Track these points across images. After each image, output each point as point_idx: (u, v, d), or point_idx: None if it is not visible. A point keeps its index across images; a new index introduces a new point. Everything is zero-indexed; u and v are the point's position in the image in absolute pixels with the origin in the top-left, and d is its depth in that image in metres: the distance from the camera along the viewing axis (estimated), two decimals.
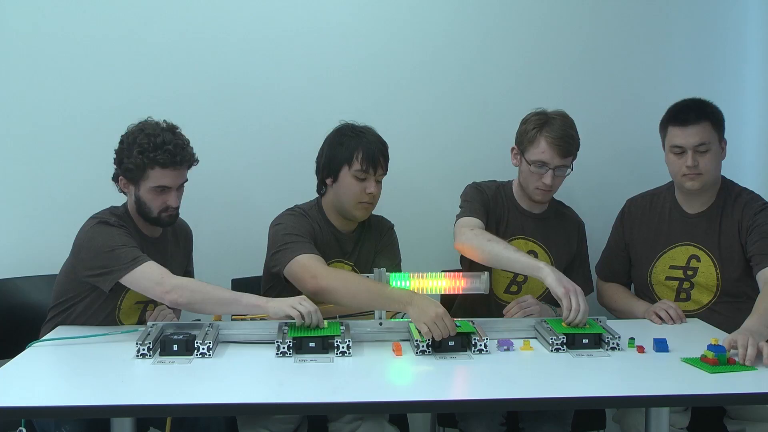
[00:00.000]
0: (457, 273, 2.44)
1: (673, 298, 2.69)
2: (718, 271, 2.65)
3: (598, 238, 2.94)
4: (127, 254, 2.38)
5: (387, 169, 2.63)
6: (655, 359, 2.10)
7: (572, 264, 2.83)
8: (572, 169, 2.71)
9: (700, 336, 2.34)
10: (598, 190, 3.21)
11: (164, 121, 2.51)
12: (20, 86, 2.98)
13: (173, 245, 2.66)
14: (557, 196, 2.83)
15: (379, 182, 2.61)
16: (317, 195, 2.70)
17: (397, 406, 2.08)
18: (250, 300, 2.33)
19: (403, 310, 2.29)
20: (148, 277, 2.35)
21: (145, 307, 2.55)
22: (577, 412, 2.59)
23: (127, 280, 2.36)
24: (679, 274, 2.70)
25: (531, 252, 2.75)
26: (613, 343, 2.23)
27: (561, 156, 2.63)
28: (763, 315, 2.34)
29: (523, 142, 2.69)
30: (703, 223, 2.69)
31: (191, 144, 2.51)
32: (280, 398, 1.91)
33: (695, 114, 2.62)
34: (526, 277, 2.74)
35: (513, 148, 2.75)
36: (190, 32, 3.05)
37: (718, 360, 2.02)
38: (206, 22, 3.06)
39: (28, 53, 2.98)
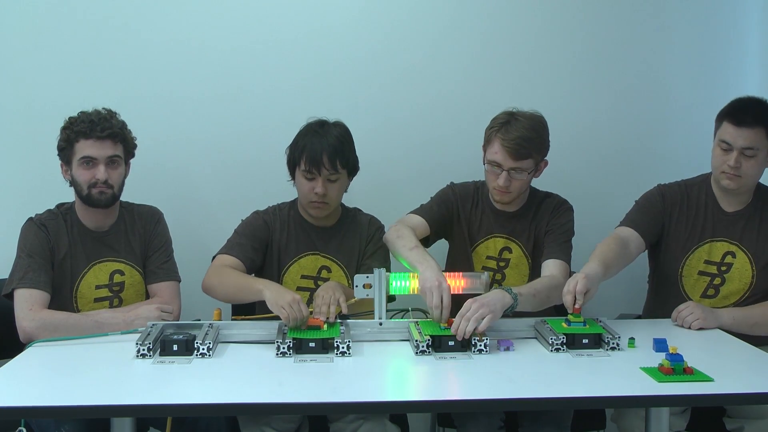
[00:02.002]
0: (457, 273, 2.44)
1: (700, 293, 2.66)
2: (753, 268, 2.63)
3: (597, 238, 2.93)
4: (22, 268, 2.44)
5: (341, 170, 2.58)
6: (656, 359, 2.09)
7: (546, 239, 2.69)
8: (536, 173, 2.65)
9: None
10: (597, 191, 3.21)
11: (104, 108, 2.54)
12: (20, 86, 3.02)
13: (129, 236, 2.62)
14: (550, 187, 2.79)
15: (333, 182, 2.59)
16: None
17: (396, 406, 2.09)
18: (110, 316, 2.41)
19: (261, 297, 2.35)
20: (24, 299, 2.40)
21: (111, 303, 2.56)
22: (577, 412, 2.59)
23: (13, 294, 2.43)
24: (713, 269, 2.66)
25: (505, 249, 2.73)
26: (613, 343, 2.23)
27: (513, 159, 2.57)
28: (740, 312, 2.53)
29: (485, 141, 2.67)
30: (741, 221, 2.66)
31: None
32: (280, 398, 1.91)
33: (753, 117, 2.55)
34: (504, 275, 2.74)
35: (483, 146, 2.71)
36: (186, 33, 3.06)
37: (673, 369, 2.00)
38: (202, 22, 3.06)
39: (24, 50, 3.01)
